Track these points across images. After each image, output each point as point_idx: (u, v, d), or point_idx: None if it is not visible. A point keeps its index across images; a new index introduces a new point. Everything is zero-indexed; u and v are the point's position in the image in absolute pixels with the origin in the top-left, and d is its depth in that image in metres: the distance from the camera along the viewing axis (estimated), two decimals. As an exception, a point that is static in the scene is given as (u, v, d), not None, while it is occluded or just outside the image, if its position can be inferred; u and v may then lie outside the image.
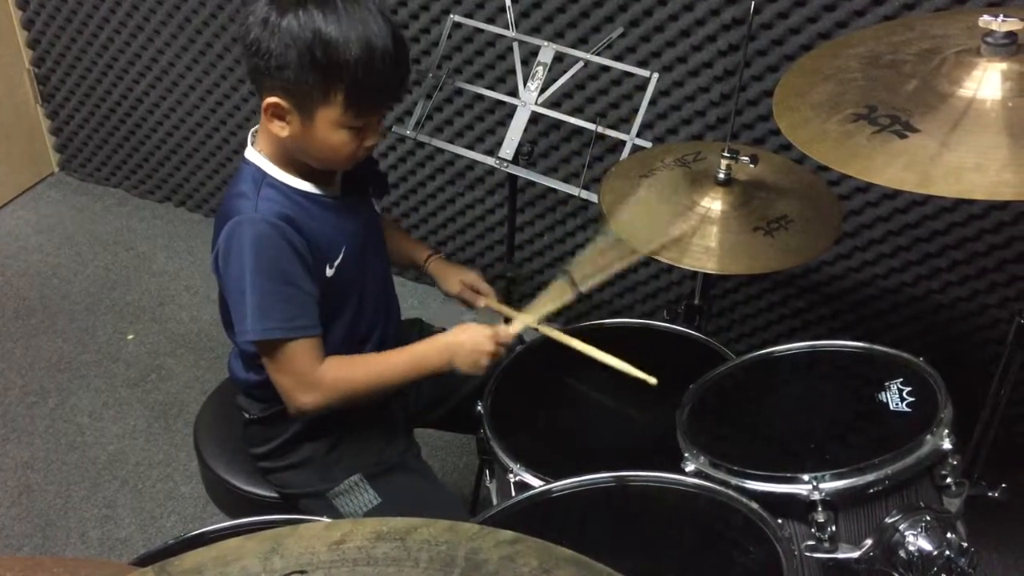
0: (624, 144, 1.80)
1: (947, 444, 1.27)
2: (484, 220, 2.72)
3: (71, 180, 3.38)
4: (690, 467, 1.33)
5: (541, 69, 1.86)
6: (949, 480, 1.28)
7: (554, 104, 1.89)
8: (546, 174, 1.99)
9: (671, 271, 2.51)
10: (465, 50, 2.45)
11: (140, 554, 1.31)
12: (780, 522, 1.22)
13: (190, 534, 1.30)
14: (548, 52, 1.87)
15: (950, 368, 1.41)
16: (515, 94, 1.88)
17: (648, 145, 1.83)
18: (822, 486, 1.24)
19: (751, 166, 1.64)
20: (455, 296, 1.77)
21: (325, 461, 1.58)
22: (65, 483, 2.30)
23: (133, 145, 3.19)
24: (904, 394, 1.37)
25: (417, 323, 1.83)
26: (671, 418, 1.43)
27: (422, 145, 2.64)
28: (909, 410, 1.35)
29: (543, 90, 1.86)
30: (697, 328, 1.84)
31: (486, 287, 1.75)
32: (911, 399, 1.36)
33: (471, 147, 2.38)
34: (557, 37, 2.30)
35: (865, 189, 2.18)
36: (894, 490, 1.26)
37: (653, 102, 2.12)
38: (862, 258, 2.28)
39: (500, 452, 1.51)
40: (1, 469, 2.32)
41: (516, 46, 1.90)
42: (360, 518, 1.41)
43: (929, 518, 1.26)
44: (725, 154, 1.65)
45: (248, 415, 1.62)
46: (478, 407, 1.60)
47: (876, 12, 1.99)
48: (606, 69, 2.27)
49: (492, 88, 2.13)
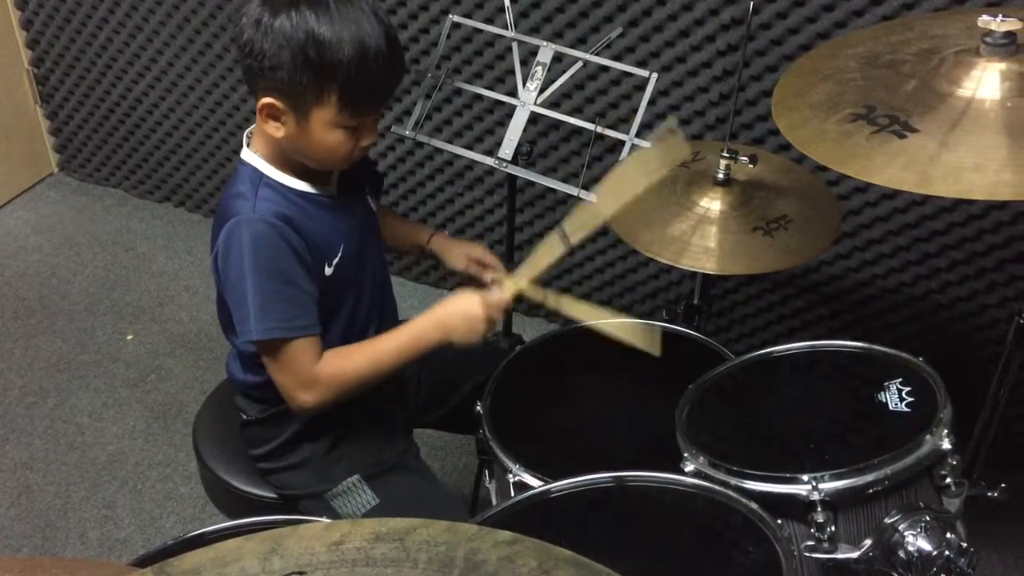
0: (623, 144, 1.80)
1: (946, 444, 1.27)
2: (483, 220, 2.72)
3: (70, 180, 3.38)
4: (689, 467, 1.33)
5: (540, 69, 1.86)
6: (948, 480, 1.28)
7: (553, 104, 1.89)
8: (545, 174, 1.98)
9: (670, 271, 2.51)
10: (464, 50, 2.45)
11: (139, 555, 1.31)
12: (779, 522, 1.22)
13: (189, 535, 1.29)
14: (547, 52, 1.87)
15: (949, 368, 1.41)
16: (514, 94, 1.88)
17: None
18: (821, 486, 1.24)
19: (750, 166, 1.65)
20: (461, 272, 1.72)
21: (324, 462, 1.58)
22: (64, 484, 2.30)
23: (132, 145, 3.19)
24: (903, 394, 1.37)
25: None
26: (670, 418, 1.43)
27: (421, 145, 2.64)
28: (908, 410, 1.35)
29: (542, 90, 1.86)
30: (696, 328, 1.84)
31: (492, 259, 1.70)
32: (910, 399, 1.36)
33: (470, 147, 2.38)
34: (556, 37, 2.30)
35: (864, 189, 2.18)
36: (893, 490, 1.26)
37: (652, 102, 2.11)
38: (861, 258, 2.28)
39: (499, 452, 1.51)
40: (0, 469, 2.32)
41: (515, 46, 1.90)
42: (359, 519, 1.41)
43: (928, 518, 1.26)
44: (724, 154, 1.65)
45: (246, 416, 1.61)
46: (477, 407, 1.60)
47: (875, 12, 1.99)
48: (605, 69, 2.27)
49: (491, 88, 2.13)
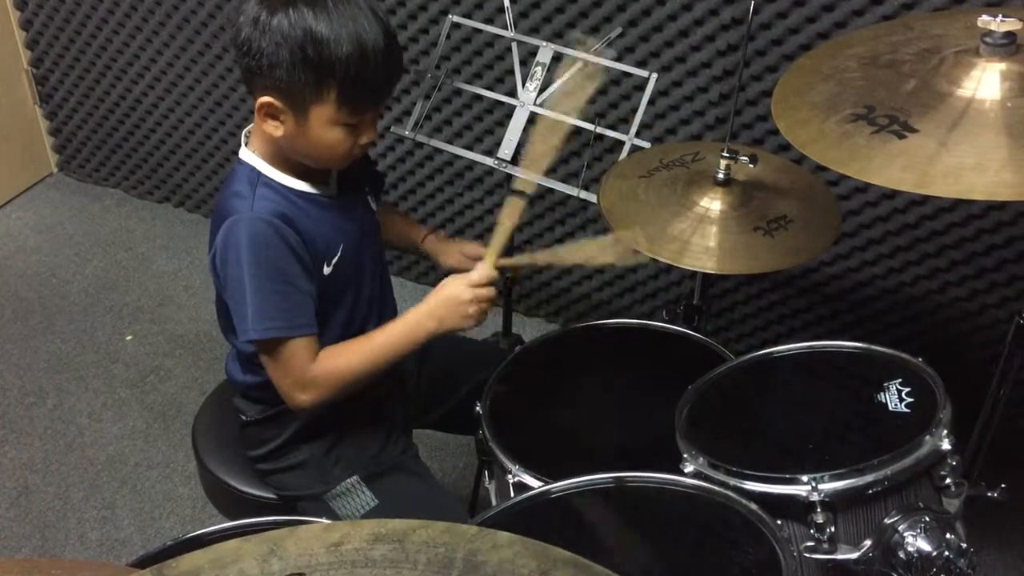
0: (623, 144, 1.80)
1: (946, 444, 1.27)
2: (483, 220, 2.72)
3: (70, 181, 3.38)
4: (689, 468, 1.33)
5: (540, 69, 1.86)
6: (948, 480, 1.28)
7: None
8: (545, 174, 1.98)
9: (670, 271, 2.51)
10: (464, 50, 2.45)
11: (139, 555, 1.31)
12: (779, 523, 1.22)
13: (188, 535, 1.29)
14: (547, 52, 1.87)
15: (949, 368, 1.41)
16: (514, 94, 1.88)
17: (647, 145, 1.83)
18: (821, 487, 1.23)
19: (750, 166, 1.64)
20: (453, 268, 1.71)
21: (323, 463, 1.58)
22: (64, 484, 2.30)
23: (132, 145, 3.19)
24: (903, 394, 1.37)
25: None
26: (670, 418, 1.43)
27: (421, 145, 2.63)
28: (908, 410, 1.35)
29: (542, 90, 1.86)
30: (696, 328, 1.84)
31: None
32: (910, 399, 1.36)
33: (470, 147, 2.38)
34: (556, 37, 2.30)
35: (864, 189, 2.18)
36: (893, 491, 1.26)
37: (652, 102, 2.12)
38: (861, 258, 2.28)
39: (499, 453, 1.51)
40: (0, 470, 2.32)
41: (515, 46, 1.90)
42: (358, 520, 1.41)
43: (928, 519, 1.25)
44: (724, 154, 1.65)
45: (245, 417, 1.61)
46: (477, 408, 1.60)
47: (875, 12, 1.99)
48: (605, 69, 2.26)
49: (491, 88, 2.13)
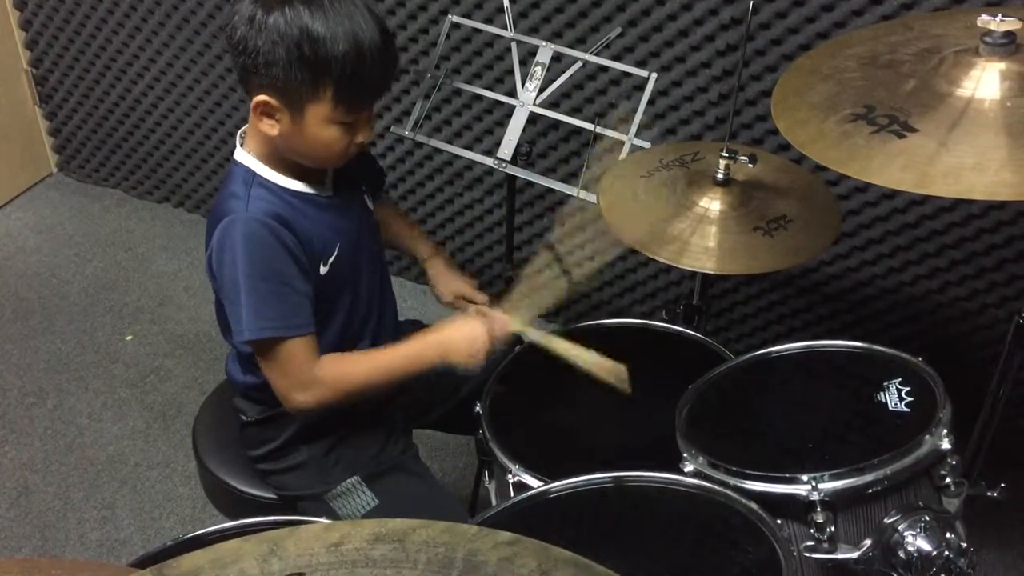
0: (623, 144, 1.80)
1: (946, 444, 1.27)
2: (483, 220, 2.72)
3: (69, 181, 3.37)
4: (689, 467, 1.33)
5: (539, 69, 1.86)
6: (948, 480, 1.28)
7: (552, 104, 1.89)
8: (544, 174, 1.99)
9: (670, 271, 2.51)
10: (463, 50, 2.45)
11: (139, 556, 1.31)
12: (779, 522, 1.22)
13: (189, 535, 1.29)
14: (546, 52, 1.87)
15: (949, 368, 1.41)
16: (513, 94, 1.88)
17: (647, 145, 1.83)
18: (821, 486, 1.23)
19: (750, 166, 1.64)
20: (447, 305, 1.77)
21: (323, 463, 1.58)
22: (64, 484, 2.30)
23: (132, 146, 3.18)
24: (903, 394, 1.37)
25: (416, 325, 1.83)
26: (670, 418, 1.43)
27: (420, 145, 2.64)
28: (908, 410, 1.35)
29: (541, 90, 1.86)
30: (696, 328, 1.84)
31: (480, 297, 1.74)
32: (910, 399, 1.36)
33: (469, 147, 2.38)
34: (555, 37, 2.30)
35: (864, 189, 2.18)
36: (893, 490, 1.26)
37: (651, 102, 2.12)
38: (861, 258, 2.28)
39: (499, 453, 1.51)
40: (0, 470, 2.32)
41: (514, 46, 1.90)
42: (359, 520, 1.41)
43: (928, 518, 1.26)
44: (723, 154, 1.65)
45: (246, 417, 1.61)
46: (477, 408, 1.60)
47: (874, 12, 1.99)
48: (604, 69, 2.27)
49: (490, 88, 2.13)
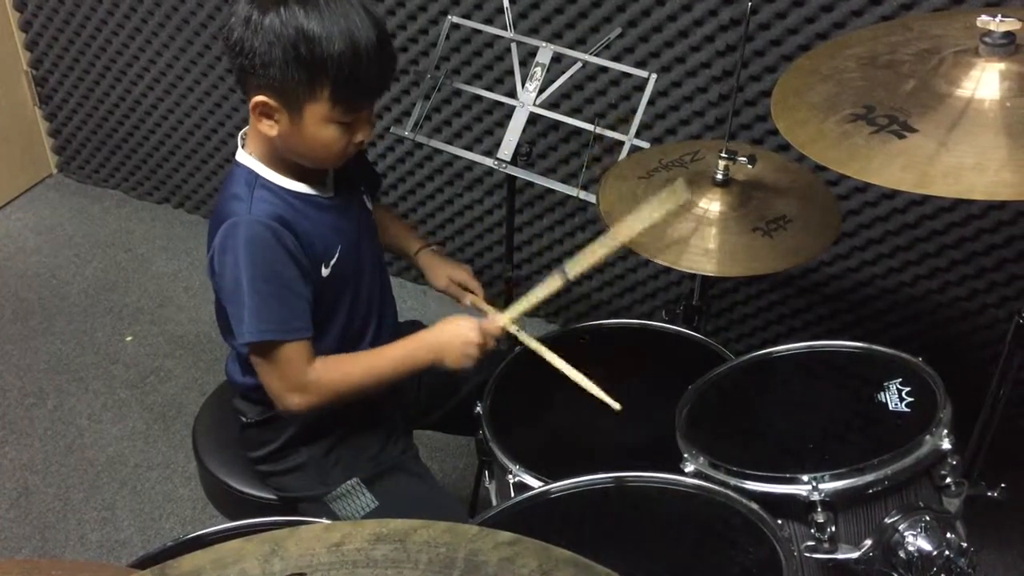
0: (622, 145, 1.80)
1: (946, 444, 1.27)
2: (483, 221, 2.72)
3: (69, 182, 3.37)
4: (689, 468, 1.33)
5: (539, 70, 1.86)
6: (948, 480, 1.28)
7: (552, 105, 1.89)
8: (544, 175, 1.99)
9: (670, 271, 2.51)
10: (463, 51, 2.45)
11: (139, 556, 1.30)
12: (779, 523, 1.22)
13: (189, 536, 1.29)
14: (546, 53, 1.87)
15: (949, 368, 1.41)
16: (513, 95, 1.88)
17: (646, 146, 1.83)
18: (821, 486, 1.23)
19: (749, 166, 1.64)
20: (440, 290, 1.76)
21: (323, 464, 1.58)
22: (64, 485, 2.30)
23: (132, 146, 3.18)
24: (903, 394, 1.37)
25: (416, 325, 1.82)
26: (670, 418, 1.43)
27: (420, 146, 2.64)
28: (908, 410, 1.35)
29: (541, 91, 1.86)
30: (696, 329, 1.84)
31: (475, 284, 1.74)
32: (910, 399, 1.36)
33: (469, 148, 2.38)
34: (555, 38, 2.30)
35: (863, 189, 2.18)
36: (893, 490, 1.26)
37: (651, 103, 2.12)
38: (861, 258, 2.28)
39: (499, 453, 1.51)
40: (0, 471, 2.32)
41: (514, 47, 1.90)
42: (359, 520, 1.41)
43: (928, 518, 1.26)
44: (723, 154, 1.65)
45: (245, 418, 1.61)
46: (477, 408, 1.60)
47: (874, 12, 1.99)
48: (604, 70, 2.27)
49: (490, 89, 2.13)
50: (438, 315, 1.72)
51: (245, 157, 1.46)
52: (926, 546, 1.24)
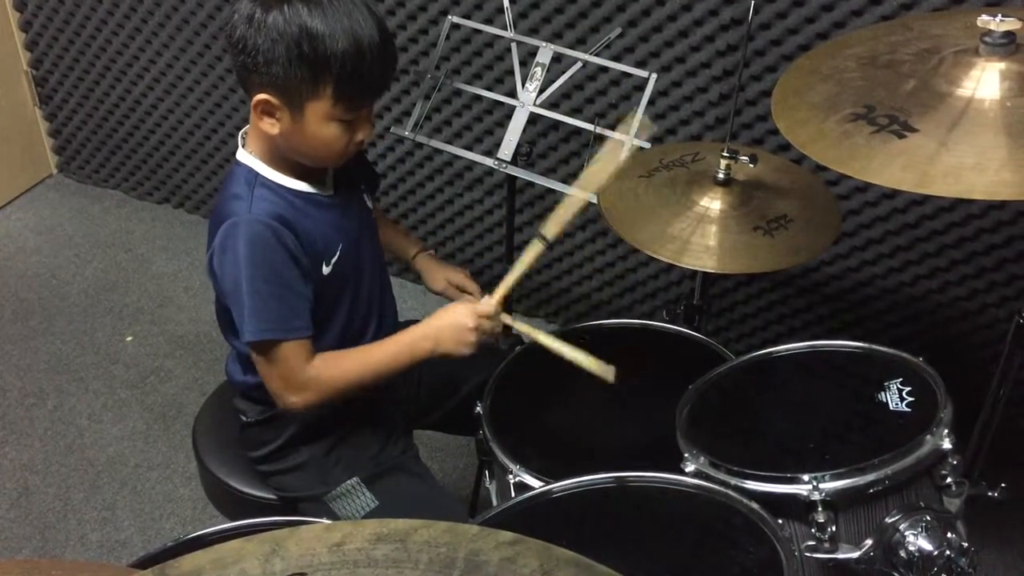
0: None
1: (947, 444, 1.27)
2: (483, 221, 2.72)
3: (70, 182, 3.37)
4: (690, 467, 1.33)
5: (539, 70, 1.86)
6: (949, 480, 1.28)
7: (552, 105, 1.89)
8: (545, 175, 1.99)
9: (671, 271, 2.51)
10: (463, 51, 2.45)
11: (139, 556, 1.30)
12: (780, 522, 1.22)
13: (189, 536, 1.29)
14: (546, 53, 1.87)
15: (949, 368, 1.41)
16: (513, 95, 1.88)
17: (647, 146, 1.83)
18: (822, 486, 1.23)
19: (750, 166, 1.65)
20: (438, 293, 1.77)
21: (323, 464, 1.58)
22: (64, 485, 2.30)
23: (132, 147, 3.19)
24: (904, 394, 1.37)
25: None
26: (671, 418, 1.43)
27: (421, 146, 2.64)
28: (909, 410, 1.35)
29: (541, 91, 1.86)
30: (696, 328, 1.84)
31: (472, 286, 1.75)
32: (911, 399, 1.36)
33: (470, 148, 2.38)
34: (555, 38, 2.30)
35: (864, 189, 2.18)
36: (894, 490, 1.26)
37: (652, 102, 2.12)
38: (861, 258, 2.28)
39: (500, 453, 1.51)
40: (0, 471, 2.32)
41: (514, 47, 1.90)
42: (360, 520, 1.41)
43: (929, 518, 1.26)
44: (724, 154, 1.65)
45: (246, 418, 1.61)
46: (477, 408, 1.60)
47: (874, 12, 1.99)
48: (604, 70, 2.27)
49: (490, 89, 2.13)
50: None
51: (245, 156, 1.46)
52: (927, 546, 1.24)
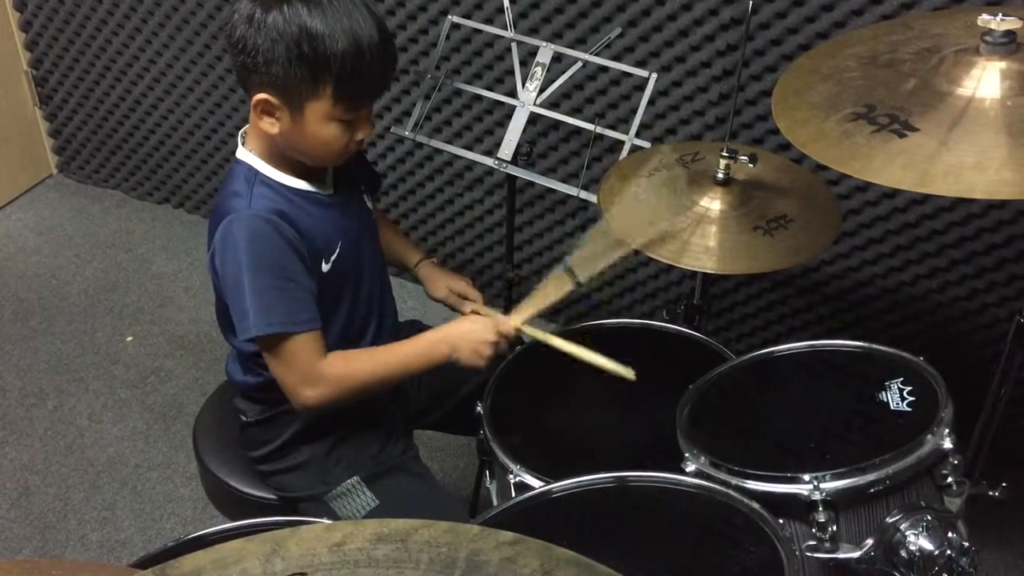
0: (623, 144, 1.80)
1: (947, 443, 1.27)
2: (483, 221, 2.72)
3: (70, 182, 3.37)
4: (690, 467, 1.33)
5: (540, 70, 1.86)
6: (950, 479, 1.28)
7: (553, 105, 1.89)
8: (545, 175, 1.99)
9: (671, 271, 2.51)
10: (463, 51, 2.45)
11: (140, 556, 1.30)
12: (781, 522, 1.22)
13: (190, 536, 1.29)
14: (546, 52, 1.87)
15: (950, 367, 1.41)
16: (514, 95, 1.88)
17: (647, 145, 1.83)
18: (823, 486, 1.23)
19: (750, 166, 1.64)
20: (439, 300, 1.77)
21: (323, 463, 1.58)
22: (64, 485, 2.29)
23: (132, 147, 3.19)
24: (904, 393, 1.37)
25: (416, 325, 1.82)
26: (671, 418, 1.43)
27: (421, 146, 2.64)
28: (909, 409, 1.35)
29: (542, 90, 1.85)
30: (697, 328, 1.84)
31: (475, 293, 1.75)
32: (911, 398, 1.36)
33: (470, 148, 2.38)
34: (555, 37, 2.30)
35: (864, 188, 2.18)
36: (895, 490, 1.26)
37: (652, 102, 2.12)
38: (861, 257, 2.28)
39: (500, 453, 1.51)
40: (0, 471, 2.32)
41: (514, 47, 1.90)
42: (360, 519, 1.41)
43: (930, 518, 1.25)
44: (724, 154, 1.65)
45: (246, 418, 1.61)
46: (478, 408, 1.60)
47: (874, 11, 1.99)
48: (604, 69, 2.27)
49: (491, 89, 2.13)
50: (438, 314, 1.72)
51: (245, 154, 1.46)
52: (927, 545, 1.24)
